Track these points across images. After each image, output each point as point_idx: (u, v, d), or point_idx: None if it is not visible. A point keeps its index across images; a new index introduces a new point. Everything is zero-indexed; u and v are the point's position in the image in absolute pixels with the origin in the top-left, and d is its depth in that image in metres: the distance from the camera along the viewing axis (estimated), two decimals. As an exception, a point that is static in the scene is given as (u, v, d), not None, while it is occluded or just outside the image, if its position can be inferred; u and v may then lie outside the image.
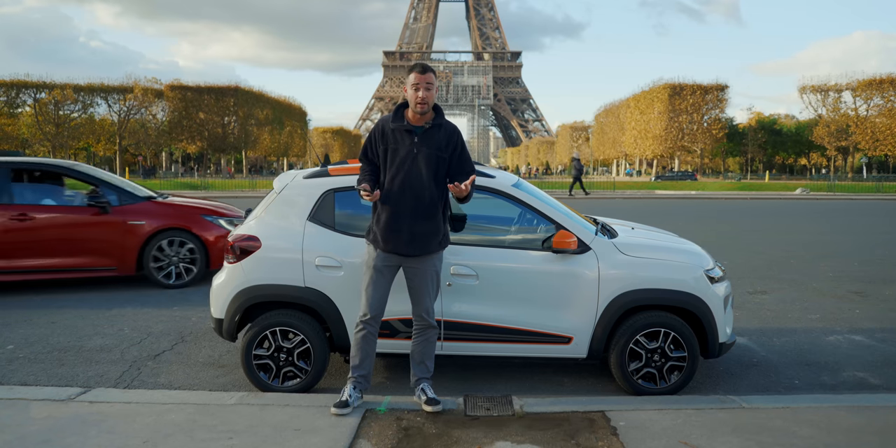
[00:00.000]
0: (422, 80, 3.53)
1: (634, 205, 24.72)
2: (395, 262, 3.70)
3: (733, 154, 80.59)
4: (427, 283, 3.72)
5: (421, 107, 3.54)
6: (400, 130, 3.60)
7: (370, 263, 3.71)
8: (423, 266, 3.70)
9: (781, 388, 4.42)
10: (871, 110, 58.94)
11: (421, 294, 3.73)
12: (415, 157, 3.58)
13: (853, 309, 6.75)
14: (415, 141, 3.59)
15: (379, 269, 3.68)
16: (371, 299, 3.69)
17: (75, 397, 3.87)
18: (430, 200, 3.62)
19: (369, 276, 3.71)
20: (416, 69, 3.56)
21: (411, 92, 3.56)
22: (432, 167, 3.60)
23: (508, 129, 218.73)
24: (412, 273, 3.72)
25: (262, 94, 72.48)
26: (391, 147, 3.61)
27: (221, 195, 29.04)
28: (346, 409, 3.61)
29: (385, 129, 3.63)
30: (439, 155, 3.61)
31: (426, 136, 3.60)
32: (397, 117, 3.63)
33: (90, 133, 61.67)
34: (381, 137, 3.64)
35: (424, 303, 3.74)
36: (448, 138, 3.64)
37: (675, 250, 4.43)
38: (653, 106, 67.05)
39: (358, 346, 3.73)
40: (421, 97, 3.51)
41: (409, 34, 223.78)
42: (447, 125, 3.67)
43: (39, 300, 6.98)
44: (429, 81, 3.55)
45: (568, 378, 4.60)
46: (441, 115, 3.67)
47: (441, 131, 3.63)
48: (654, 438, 3.31)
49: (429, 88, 3.54)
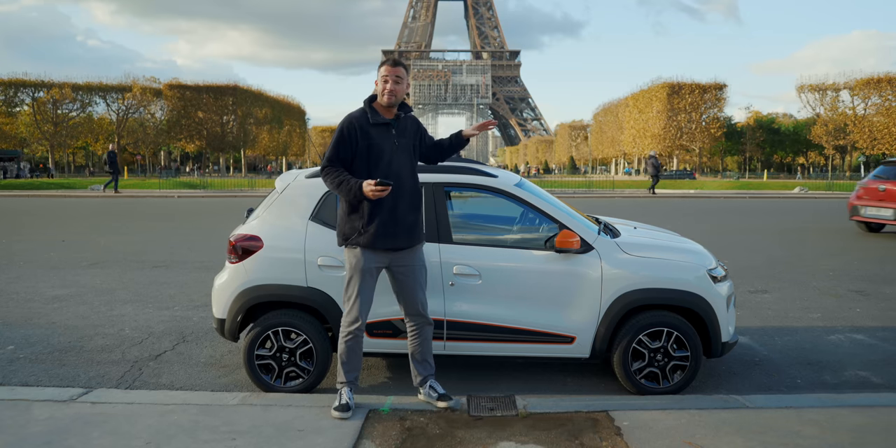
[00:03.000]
0: (391, 72, 3.58)
1: (633, 204, 24.72)
2: (384, 262, 3.67)
3: (731, 153, 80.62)
4: (419, 276, 3.73)
5: (388, 99, 3.58)
6: (378, 125, 3.61)
7: (358, 267, 3.61)
8: (413, 260, 3.70)
9: (784, 388, 4.42)
10: (869, 109, 58.96)
11: (414, 288, 3.72)
12: (398, 149, 3.63)
13: (854, 308, 6.75)
14: (393, 133, 3.64)
15: (369, 272, 3.63)
16: (362, 306, 3.64)
17: (77, 398, 3.86)
18: (415, 190, 3.70)
19: (358, 280, 3.62)
20: (387, 62, 3.63)
21: (381, 84, 3.60)
22: (412, 156, 3.72)
23: (507, 128, 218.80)
24: (402, 270, 3.69)
25: (260, 93, 72.42)
26: (374, 142, 3.59)
27: (221, 195, 29.02)
28: (349, 412, 3.59)
29: (363, 125, 3.60)
30: (414, 143, 3.73)
31: (401, 127, 3.68)
32: (374, 112, 3.63)
33: (88, 132, 61.57)
34: (359, 134, 3.59)
35: (419, 297, 3.73)
36: (415, 126, 3.78)
37: (677, 249, 4.42)
38: (651, 105, 67.05)
39: (351, 351, 3.68)
40: (389, 89, 3.57)
41: (407, 33, 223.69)
42: (410, 115, 3.80)
43: (39, 300, 6.96)
44: (398, 75, 3.59)
45: (571, 378, 4.59)
46: (407, 107, 3.75)
47: (409, 121, 3.75)
48: (659, 438, 3.30)
49: (398, 81, 3.58)
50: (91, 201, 25.46)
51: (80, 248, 11.15)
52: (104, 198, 27.40)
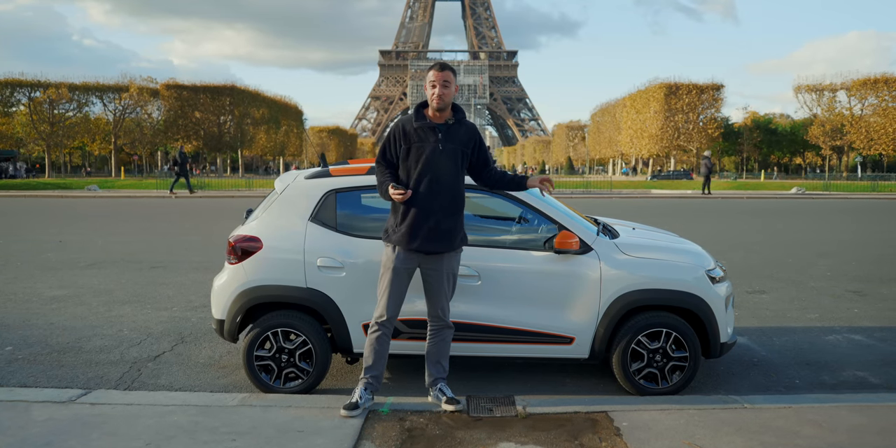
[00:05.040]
0: (439, 77, 3.60)
1: (631, 204, 24.75)
2: (415, 263, 3.70)
3: (729, 153, 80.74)
4: (443, 283, 3.73)
5: (438, 102, 3.60)
6: (423, 128, 3.65)
7: (388, 264, 3.69)
8: (442, 265, 3.71)
9: (782, 388, 4.43)
10: (866, 110, 59.07)
11: (437, 294, 3.74)
12: (441, 153, 3.62)
13: (851, 308, 6.77)
14: (439, 137, 3.63)
15: (398, 271, 3.68)
16: (389, 301, 3.69)
17: (76, 399, 3.85)
18: (457, 195, 3.69)
19: (388, 277, 3.69)
20: (434, 67, 3.65)
21: (429, 89, 3.63)
22: (458, 162, 3.68)
23: (504, 128, 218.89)
24: (430, 273, 3.72)
25: (257, 94, 72.25)
26: (415, 145, 3.63)
27: (218, 195, 28.97)
28: (356, 410, 3.60)
29: (406, 129, 3.67)
30: (463, 150, 3.70)
31: (449, 132, 3.67)
32: (419, 116, 3.68)
33: (85, 132, 61.36)
34: (402, 137, 3.67)
35: (441, 303, 3.76)
36: (470, 134, 3.75)
37: (676, 250, 4.43)
38: (649, 105, 67.09)
39: (372, 347, 3.73)
40: (438, 94, 3.59)
41: (405, 33, 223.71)
42: (467, 123, 3.77)
43: (37, 301, 6.95)
44: (446, 79, 3.61)
45: (569, 378, 4.60)
46: (461, 113, 3.74)
47: (462, 127, 3.73)
48: (658, 439, 3.31)
49: (446, 86, 3.61)
50: (91, 202, 25.41)
51: (77, 248, 11.13)
52: (105, 198, 27.29)
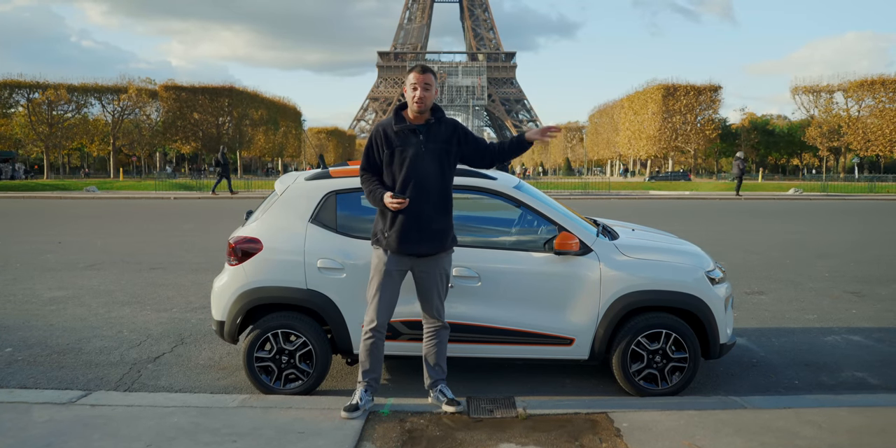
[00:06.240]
0: (420, 79, 3.57)
1: (630, 205, 24.78)
2: (407, 265, 3.69)
3: (726, 154, 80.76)
4: (437, 284, 3.73)
5: (419, 106, 3.58)
6: (404, 131, 3.62)
7: (380, 268, 3.67)
8: (434, 267, 3.70)
9: (782, 389, 4.44)
10: (863, 111, 59.12)
11: (431, 295, 3.74)
12: (424, 154, 3.60)
13: (850, 309, 6.79)
14: (421, 139, 3.61)
15: (390, 274, 3.66)
16: (379, 306, 3.67)
17: (76, 400, 3.85)
18: (446, 195, 3.67)
19: (378, 281, 3.67)
20: (415, 69, 3.62)
21: (409, 91, 3.60)
22: (444, 162, 3.65)
23: (503, 129, 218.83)
24: (423, 275, 3.71)
25: (256, 95, 72.20)
26: (398, 149, 3.61)
27: (217, 196, 28.94)
28: (357, 412, 3.60)
29: (387, 133, 3.64)
30: (447, 148, 3.67)
31: (430, 132, 3.65)
32: (399, 119, 3.65)
33: (84, 133, 61.25)
34: (384, 141, 3.64)
35: (434, 304, 3.75)
36: (450, 130, 3.71)
37: (675, 252, 4.44)
38: (646, 106, 67.15)
39: (368, 351, 3.72)
40: (419, 97, 3.56)
41: (403, 34, 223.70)
42: (447, 120, 3.74)
43: (37, 302, 6.94)
44: (427, 82, 3.59)
45: (569, 379, 4.60)
46: (440, 112, 3.72)
47: (443, 125, 3.69)
48: (658, 439, 3.32)
49: (427, 88, 3.58)
50: (89, 203, 25.38)
51: (77, 249, 11.12)
52: (104, 199, 27.30)
